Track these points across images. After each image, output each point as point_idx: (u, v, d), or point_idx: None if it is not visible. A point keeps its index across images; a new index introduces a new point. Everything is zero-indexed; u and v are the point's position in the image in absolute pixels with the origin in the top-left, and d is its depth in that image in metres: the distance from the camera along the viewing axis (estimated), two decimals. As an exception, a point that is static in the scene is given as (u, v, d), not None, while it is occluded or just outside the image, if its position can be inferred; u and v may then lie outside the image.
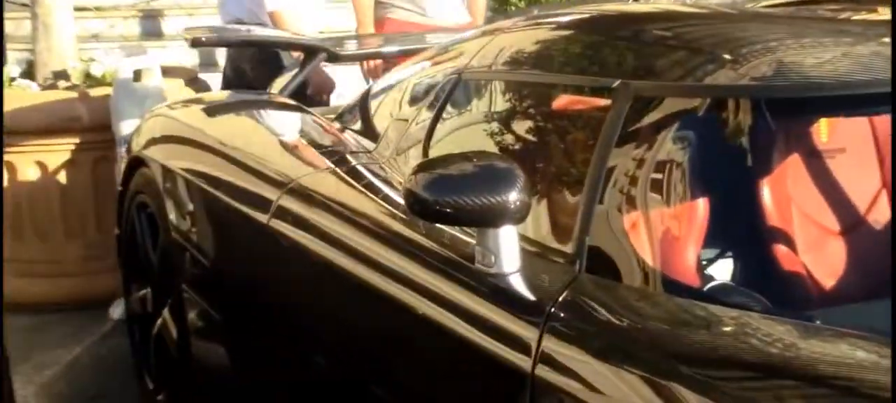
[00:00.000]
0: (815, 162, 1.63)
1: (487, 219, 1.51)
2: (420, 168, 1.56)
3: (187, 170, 2.40)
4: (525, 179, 1.47)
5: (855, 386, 1.19)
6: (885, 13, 1.85)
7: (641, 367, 1.30)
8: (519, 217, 1.48)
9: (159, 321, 2.54)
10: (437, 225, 1.68)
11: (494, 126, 1.93)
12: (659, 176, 1.56)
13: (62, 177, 3.39)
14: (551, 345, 1.41)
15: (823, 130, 1.65)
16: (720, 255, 1.53)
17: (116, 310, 3.10)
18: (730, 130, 1.58)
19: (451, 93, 2.00)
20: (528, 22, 2.28)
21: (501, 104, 1.98)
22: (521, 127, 1.86)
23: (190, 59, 4.79)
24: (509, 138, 1.88)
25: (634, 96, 1.59)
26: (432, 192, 1.49)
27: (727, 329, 1.34)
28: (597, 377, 1.33)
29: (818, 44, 1.73)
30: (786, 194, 1.55)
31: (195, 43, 2.97)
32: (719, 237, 1.51)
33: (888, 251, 1.52)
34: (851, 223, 1.63)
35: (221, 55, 4.90)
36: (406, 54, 2.75)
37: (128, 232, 2.71)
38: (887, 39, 1.67)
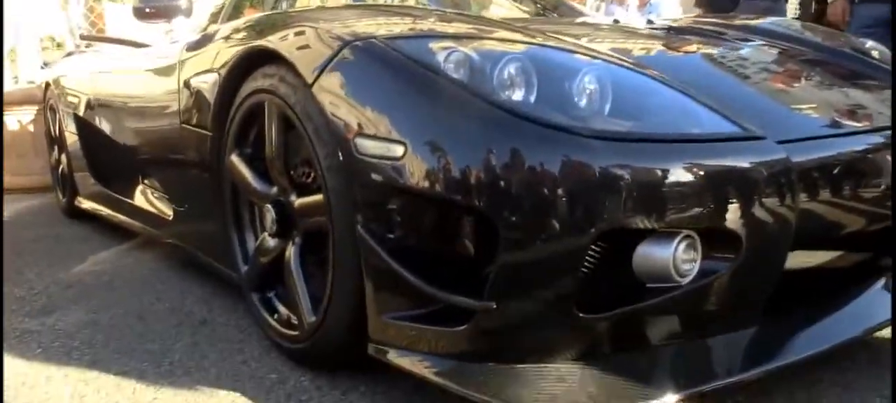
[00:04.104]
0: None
1: (170, 13, 2.83)
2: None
3: (67, 84, 4.25)
4: (190, 3, 3.08)
5: None
6: None
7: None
8: (188, 13, 2.98)
9: (62, 160, 4.40)
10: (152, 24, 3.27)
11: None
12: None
13: (31, 126, 5.64)
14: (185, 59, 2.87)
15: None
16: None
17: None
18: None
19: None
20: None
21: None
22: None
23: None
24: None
25: None
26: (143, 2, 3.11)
27: None
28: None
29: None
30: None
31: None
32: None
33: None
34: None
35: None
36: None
37: (46, 124, 4.72)
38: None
